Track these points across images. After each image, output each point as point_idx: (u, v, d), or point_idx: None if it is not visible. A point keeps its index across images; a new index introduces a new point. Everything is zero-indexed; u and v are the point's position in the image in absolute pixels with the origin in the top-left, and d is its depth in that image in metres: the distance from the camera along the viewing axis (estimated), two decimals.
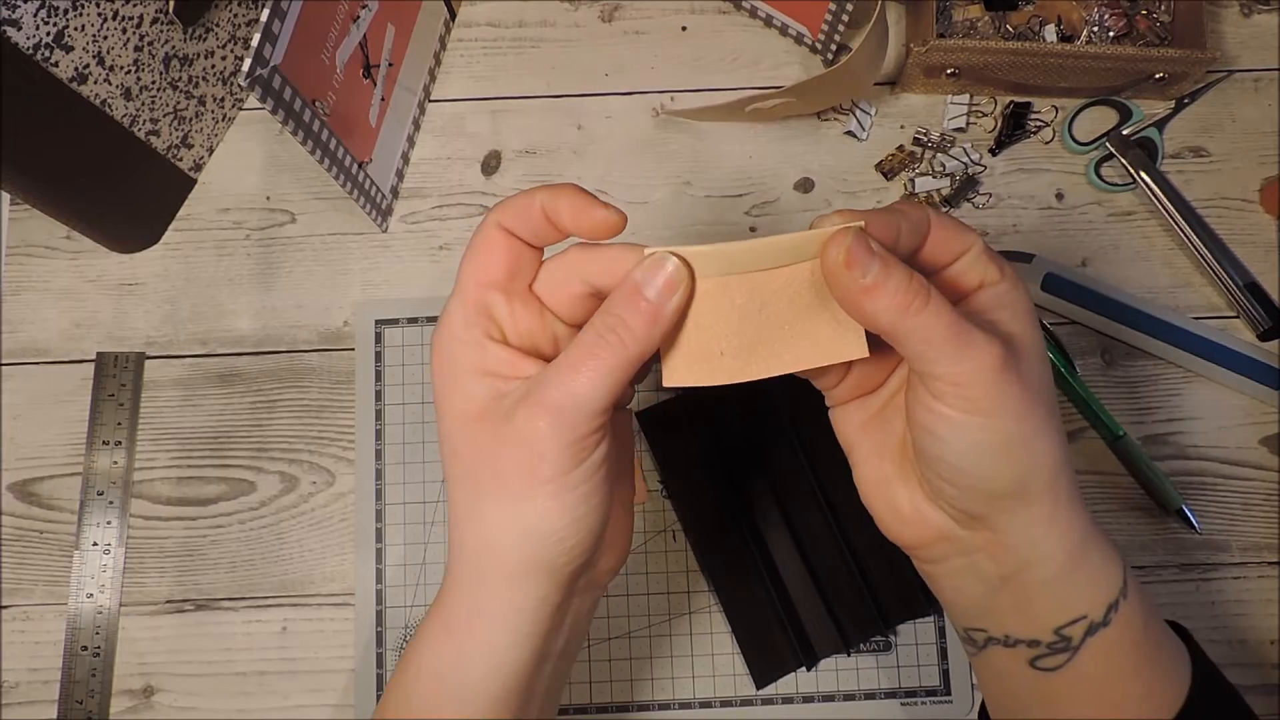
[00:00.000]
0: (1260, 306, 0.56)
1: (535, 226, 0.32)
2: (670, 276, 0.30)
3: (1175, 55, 0.55)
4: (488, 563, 0.32)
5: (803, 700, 0.53)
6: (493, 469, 0.31)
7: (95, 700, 0.53)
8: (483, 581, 0.32)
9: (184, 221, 0.59)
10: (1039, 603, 0.34)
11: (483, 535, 0.32)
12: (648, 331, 0.30)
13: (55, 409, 0.56)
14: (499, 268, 0.33)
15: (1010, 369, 0.31)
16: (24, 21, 0.43)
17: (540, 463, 0.30)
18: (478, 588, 0.32)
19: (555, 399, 0.30)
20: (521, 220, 0.32)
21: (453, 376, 0.32)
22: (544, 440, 0.30)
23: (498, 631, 0.32)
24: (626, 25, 0.62)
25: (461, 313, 0.33)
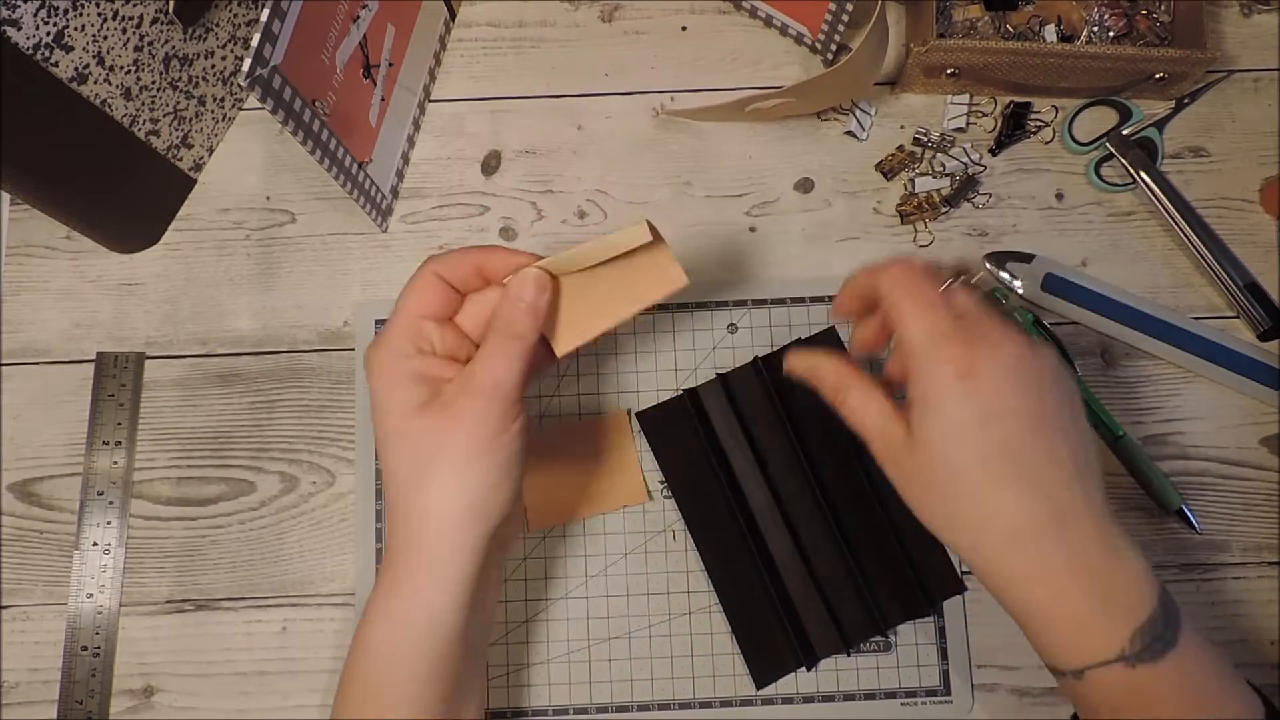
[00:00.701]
0: (1260, 306, 0.56)
1: (464, 277, 0.42)
2: (536, 282, 0.41)
3: (1175, 55, 0.55)
4: (431, 526, 0.40)
5: (803, 700, 0.53)
6: (439, 446, 0.39)
7: (95, 700, 0.53)
8: (427, 536, 0.40)
9: (184, 221, 0.59)
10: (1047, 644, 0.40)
11: (429, 503, 0.40)
12: (531, 324, 0.41)
13: (55, 409, 0.56)
14: (433, 305, 0.42)
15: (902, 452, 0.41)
16: (24, 21, 0.43)
17: (480, 427, 0.39)
18: (420, 554, 0.40)
19: (485, 383, 0.40)
20: (455, 272, 0.42)
21: (394, 382, 0.41)
22: (482, 413, 0.39)
23: (437, 586, 0.40)
24: (626, 25, 0.62)
25: (401, 334, 0.41)
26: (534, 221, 0.59)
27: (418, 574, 0.40)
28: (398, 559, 0.41)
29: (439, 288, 0.42)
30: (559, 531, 0.55)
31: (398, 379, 0.40)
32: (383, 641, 0.41)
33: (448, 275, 0.42)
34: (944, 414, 0.38)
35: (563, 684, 0.53)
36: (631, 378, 0.56)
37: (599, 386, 0.56)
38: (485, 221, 0.59)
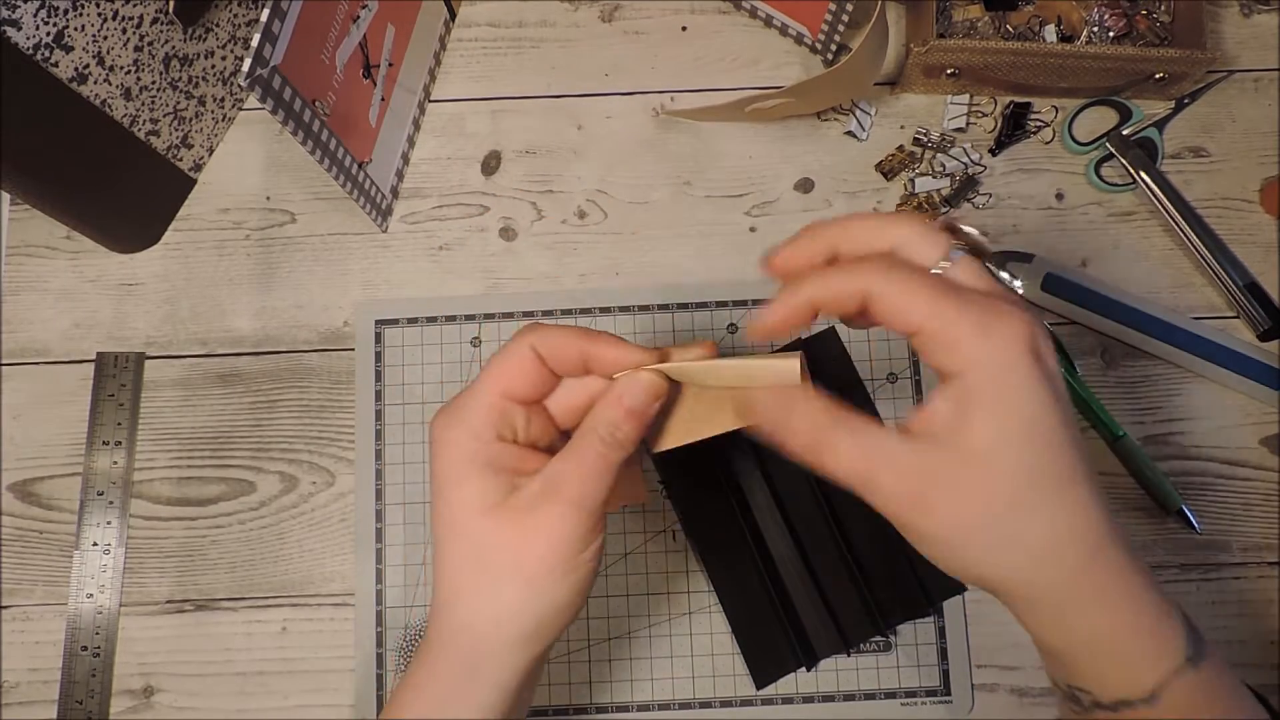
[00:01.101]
0: (1260, 306, 0.56)
1: (565, 361, 0.37)
2: (650, 389, 0.36)
3: (1175, 55, 0.55)
4: (493, 634, 0.36)
5: (803, 700, 0.53)
6: (510, 560, 0.35)
7: (95, 700, 0.53)
8: (484, 647, 0.36)
9: (184, 221, 0.59)
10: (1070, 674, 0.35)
11: (493, 613, 0.36)
12: (635, 433, 0.36)
13: (55, 409, 0.56)
14: (524, 386, 0.37)
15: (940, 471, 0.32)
16: (24, 21, 0.43)
17: (562, 546, 0.35)
18: (476, 653, 0.36)
19: (574, 494, 0.35)
20: (556, 352, 0.37)
21: (465, 471, 0.36)
22: (567, 528, 0.35)
23: (491, 689, 0.36)
24: (626, 25, 0.62)
25: (482, 414, 0.36)
26: (534, 221, 0.59)
27: (460, 680, 0.36)
28: (440, 658, 0.37)
29: (535, 367, 0.37)
30: None
31: (470, 467, 0.36)
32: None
33: (546, 354, 0.37)
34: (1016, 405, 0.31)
35: (563, 684, 0.53)
36: None
37: None
38: (485, 221, 0.59)
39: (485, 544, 0.35)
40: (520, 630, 0.36)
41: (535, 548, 0.35)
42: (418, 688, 0.37)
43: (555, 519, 0.35)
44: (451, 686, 0.36)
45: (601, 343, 0.37)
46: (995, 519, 0.32)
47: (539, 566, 0.35)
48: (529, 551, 0.35)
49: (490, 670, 0.36)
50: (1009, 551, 0.32)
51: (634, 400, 0.36)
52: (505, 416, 0.36)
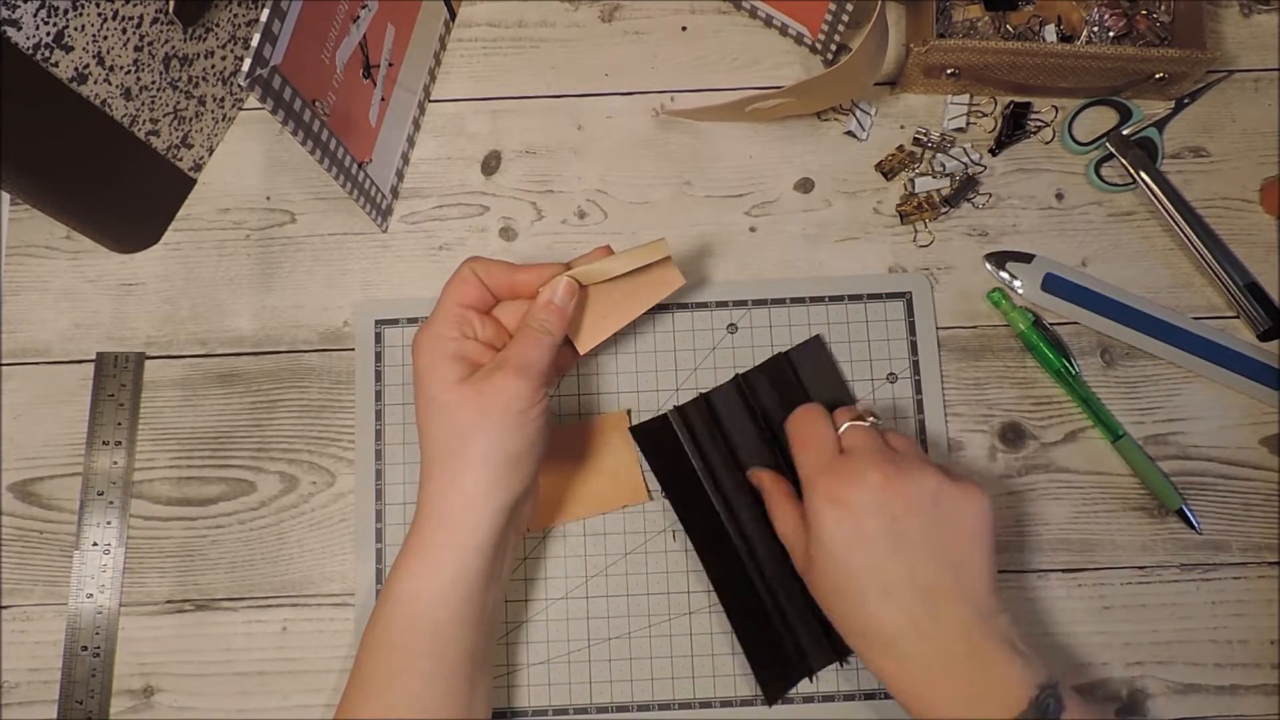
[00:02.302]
0: (1260, 306, 0.56)
1: (498, 284, 0.48)
2: (567, 288, 0.47)
3: (1175, 55, 0.55)
4: (468, 485, 0.44)
5: (803, 700, 0.53)
6: (475, 416, 0.44)
7: (95, 700, 0.53)
8: (455, 500, 0.44)
9: (184, 221, 0.59)
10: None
11: (463, 464, 0.44)
12: (559, 322, 0.47)
13: (55, 409, 0.56)
14: (471, 297, 0.47)
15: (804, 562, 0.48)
16: (24, 21, 0.43)
17: (513, 401, 0.44)
18: (448, 508, 0.44)
19: (520, 363, 0.45)
20: (490, 276, 0.48)
21: (437, 360, 0.45)
22: (515, 389, 0.44)
23: (470, 540, 0.44)
24: (626, 25, 0.62)
25: (445, 319, 0.46)
26: (534, 221, 0.59)
27: (447, 533, 0.44)
28: (429, 518, 0.44)
29: (476, 284, 0.47)
30: (559, 531, 0.55)
31: (440, 356, 0.45)
32: (411, 591, 0.44)
33: (484, 276, 0.47)
34: (821, 538, 0.45)
35: (563, 684, 0.53)
36: (631, 378, 0.56)
37: (599, 386, 0.56)
38: (485, 221, 0.59)
39: (455, 409, 0.44)
40: (489, 475, 0.44)
41: (493, 404, 0.43)
42: (412, 553, 0.45)
43: (505, 382, 0.44)
44: (439, 543, 0.44)
45: (520, 270, 0.48)
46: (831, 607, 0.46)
47: (496, 419, 0.44)
48: (488, 407, 0.43)
49: (470, 520, 0.44)
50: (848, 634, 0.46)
51: (557, 298, 0.47)
52: (464, 319, 0.46)
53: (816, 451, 0.48)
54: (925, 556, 0.44)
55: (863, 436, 0.47)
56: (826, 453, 0.47)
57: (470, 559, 0.44)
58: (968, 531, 0.45)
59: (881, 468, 0.45)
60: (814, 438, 0.48)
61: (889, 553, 0.44)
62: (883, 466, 0.45)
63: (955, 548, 0.44)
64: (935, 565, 0.44)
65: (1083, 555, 0.55)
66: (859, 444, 0.47)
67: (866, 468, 0.45)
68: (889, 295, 0.57)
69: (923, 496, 0.44)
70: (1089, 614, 0.54)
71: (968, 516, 0.45)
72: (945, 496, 0.45)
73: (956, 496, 0.45)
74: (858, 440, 0.47)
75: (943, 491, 0.45)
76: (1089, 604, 0.54)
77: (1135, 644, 0.54)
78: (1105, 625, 0.54)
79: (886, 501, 0.44)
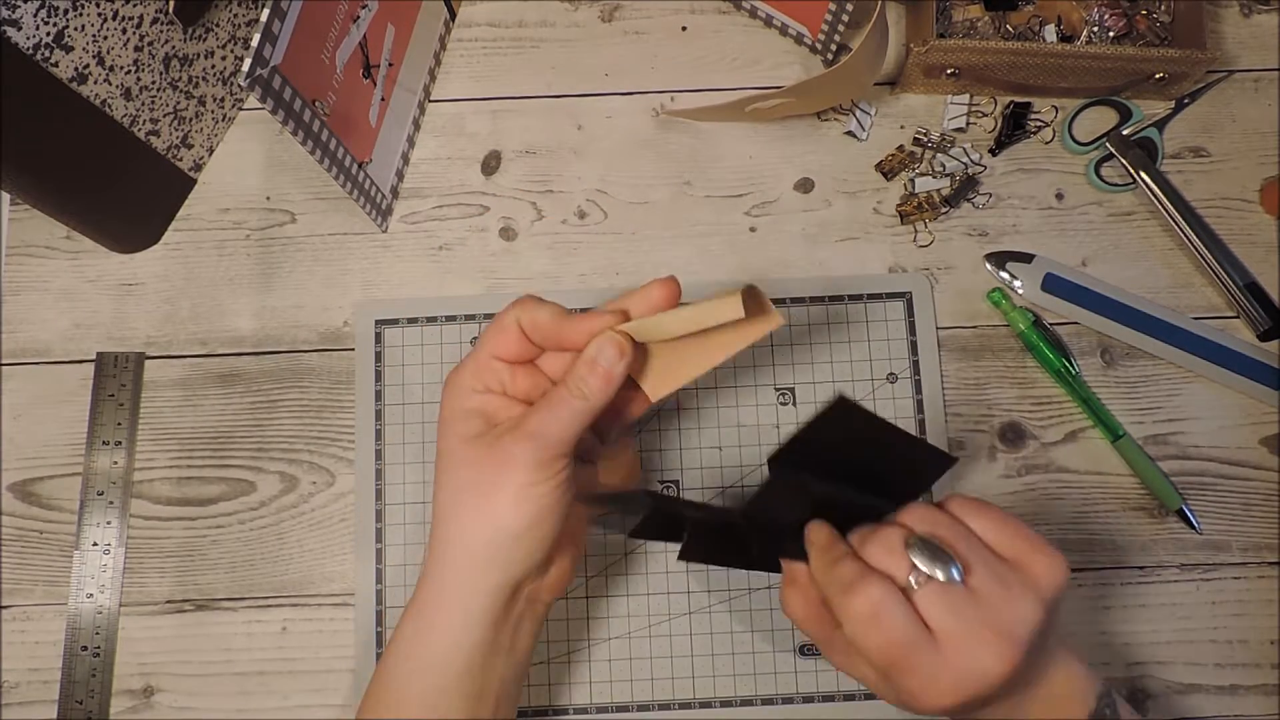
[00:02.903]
0: (1260, 306, 0.56)
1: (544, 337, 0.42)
2: (616, 347, 0.40)
3: (1175, 55, 0.55)
4: (457, 550, 0.41)
5: (803, 700, 0.53)
6: (476, 476, 0.40)
7: (95, 700, 0.53)
8: (449, 567, 0.41)
9: (184, 221, 0.59)
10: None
11: (457, 529, 0.40)
12: (600, 388, 0.40)
13: (55, 409, 0.56)
14: (508, 350, 0.42)
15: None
16: (24, 21, 0.43)
17: (515, 472, 0.39)
18: (444, 573, 0.41)
19: (531, 429, 0.40)
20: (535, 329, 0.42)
21: (456, 412, 0.42)
22: (519, 457, 0.39)
23: (457, 610, 0.40)
24: (626, 25, 0.62)
25: (474, 369, 0.42)
26: (534, 221, 0.59)
27: (439, 601, 0.41)
28: (428, 581, 0.42)
29: (516, 335, 0.42)
30: None
31: (459, 408, 0.42)
32: (408, 652, 0.42)
33: (528, 327, 0.42)
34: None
35: (563, 684, 0.53)
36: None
37: None
38: (485, 221, 0.59)
39: (462, 469, 0.41)
40: (483, 549, 0.40)
41: (497, 471, 0.40)
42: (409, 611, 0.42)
43: (513, 447, 0.39)
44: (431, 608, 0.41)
45: (570, 322, 0.41)
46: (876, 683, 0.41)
47: (496, 490, 0.39)
48: (492, 472, 0.40)
49: (460, 591, 0.41)
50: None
51: (603, 358, 0.40)
52: (491, 372, 0.42)
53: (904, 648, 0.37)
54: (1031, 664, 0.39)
55: (945, 602, 0.37)
56: (916, 646, 0.37)
57: (461, 633, 0.40)
58: (1059, 606, 0.39)
59: (996, 649, 0.37)
60: (895, 625, 0.37)
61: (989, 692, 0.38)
62: (997, 646, 0.37)
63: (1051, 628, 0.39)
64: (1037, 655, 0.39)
65: (1083, 555, 0.55)
66: (946, 615, 0.37)
67: (981, 659, 0.37)
68: (889, 295, 0.57)
69: (1034, 635, 0.37)
70: (1089, 614, 0.54)
71: (1061, 597, 0.39)
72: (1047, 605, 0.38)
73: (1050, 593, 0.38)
74: (942, 611, 0.37)
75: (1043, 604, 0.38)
76: (1089, 604, 0.54)
77: (1135, 644, 0.54)
78: (1105, 625, 0.54)
79: (1008, 680, 0.37)
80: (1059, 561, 0.39)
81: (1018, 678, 0.38)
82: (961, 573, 0.38)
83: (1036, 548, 0.39)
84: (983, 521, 0.40)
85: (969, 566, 0.38)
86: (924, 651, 0.37)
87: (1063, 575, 0.39)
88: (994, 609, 0.37)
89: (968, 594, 0.37)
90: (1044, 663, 0.40)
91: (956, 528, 0.39)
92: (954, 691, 0.37)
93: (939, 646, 0.37)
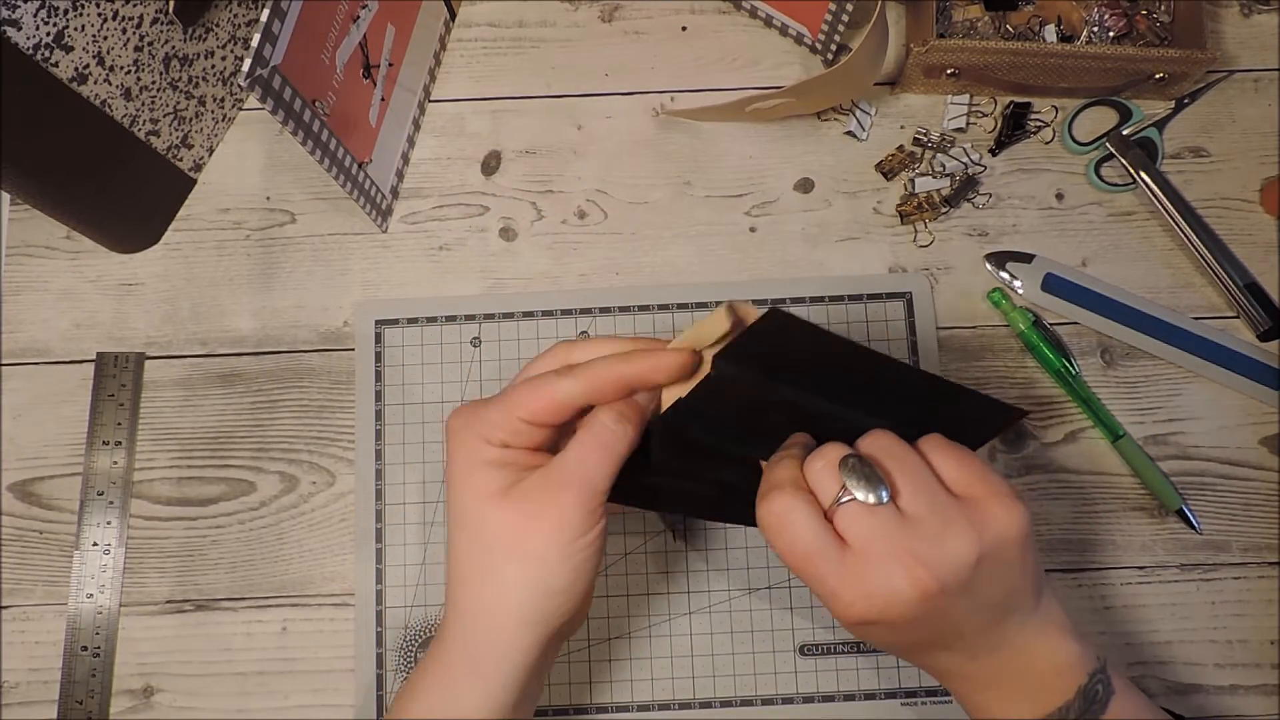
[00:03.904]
0: (1260, 306, 0.56)
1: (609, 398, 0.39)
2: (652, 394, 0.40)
3: (1175, 55, 0.55)
4: (492, 615, 0.38)
5: (803, 700, 0.53)
6: (512, 537, 0.37)
7: (95, 700, 0.53)
8: (482, 633, 0.38)
9: (184, 221, 0.59)
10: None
11: (491, 593, 0.38)
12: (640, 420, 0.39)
13: (55, 409, 0.56)
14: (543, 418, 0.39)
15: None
16: (24, 21, 0.43)
17: (561, 528, 0.37)
18: (476, 639, 0.38)
19: (575, 477, 0.37)
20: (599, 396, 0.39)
21: (475, 465, 0.39)
22: (567, 512, 0.37)
23: (495, 675, 0.38)
24: (626, 25, 0.62)
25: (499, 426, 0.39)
26: (534, 221, 0.59)
27: (473, 669, 0.39)
28: (450, 647, 0.39)
29: (557, 407, 0.39)
30: None
31: (478, 461, 0.39)
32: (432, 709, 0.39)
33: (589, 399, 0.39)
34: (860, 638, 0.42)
35: (562, 684, 0.53)
36: None
37: None
38: (485, 221, 0.59)
39: (490, 529, 0.38)
40: (519, 611, 0.38)
41: (536, 530, 0.37)
42: (427, 672, 0.40)
43: (554, 503, 0.37)
44: (457, 670, 0.39)
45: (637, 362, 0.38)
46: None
47: (538, 547, 0.37)
48: (530, 533, 0.37)
49: (493, 653, 0.38)
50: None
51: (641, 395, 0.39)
52: (520, 434, 0.39)
53: (807, 556, 0.37)
54: (974, 610, 0.38)
55: (865, 520, 0.37)
56: (822, 555, 0.37)
57: (495, 693, 0.38)
58: (1013, 561, 0.38)
59: (910, 571, 0.36)
60: (796, 534, 0.37)
61: (936, 631, 0.38)
62: (911, 569, 0.36)
63: (1004, 585, 0.38)
64: (987, 611, 0.38)
65: (1083, 555, 0.55)
66: (864, 533, 0.36)
67: (891, 578, 0.36)
68: (889, 295, 0.58)
69: (962, 570, 0.36)
70: (1089, 614, 0.54)
71: (1010, 549, 0.37)
72: (985, 547, 0.37)
73: (995, 537, 0.37)
74: (861, 528, 0.37)
75: (982, 544, 0.37)
76: (1089, 604, 0.54)
77: (1135, 644, 0.54)
78: (1105, 625, 0.54)
79: (928, 609, 0.36)
80: (1017, 510, 0.37)
81: (944, 616, 0.37)
82: (890, 496, 0.37)
83: (995, 492, 0.38)
84: (945, 458, 0.39)
85: (900, 491, 0.37)
86: (828, 561, 0.36)
87: (1016, 524, 0.37)
88: (919, 535, 0.36)
89: (893, 515, 0.37)
90: (1013, 629, 0.39)
91: (906, 458, 0.38)
92: (861, 605, 0.36)
93: (846, 558, 0.36)
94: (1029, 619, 0.39)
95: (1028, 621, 0.39)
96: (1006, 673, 0.40)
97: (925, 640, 0.39)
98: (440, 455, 0.55)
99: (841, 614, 0.37)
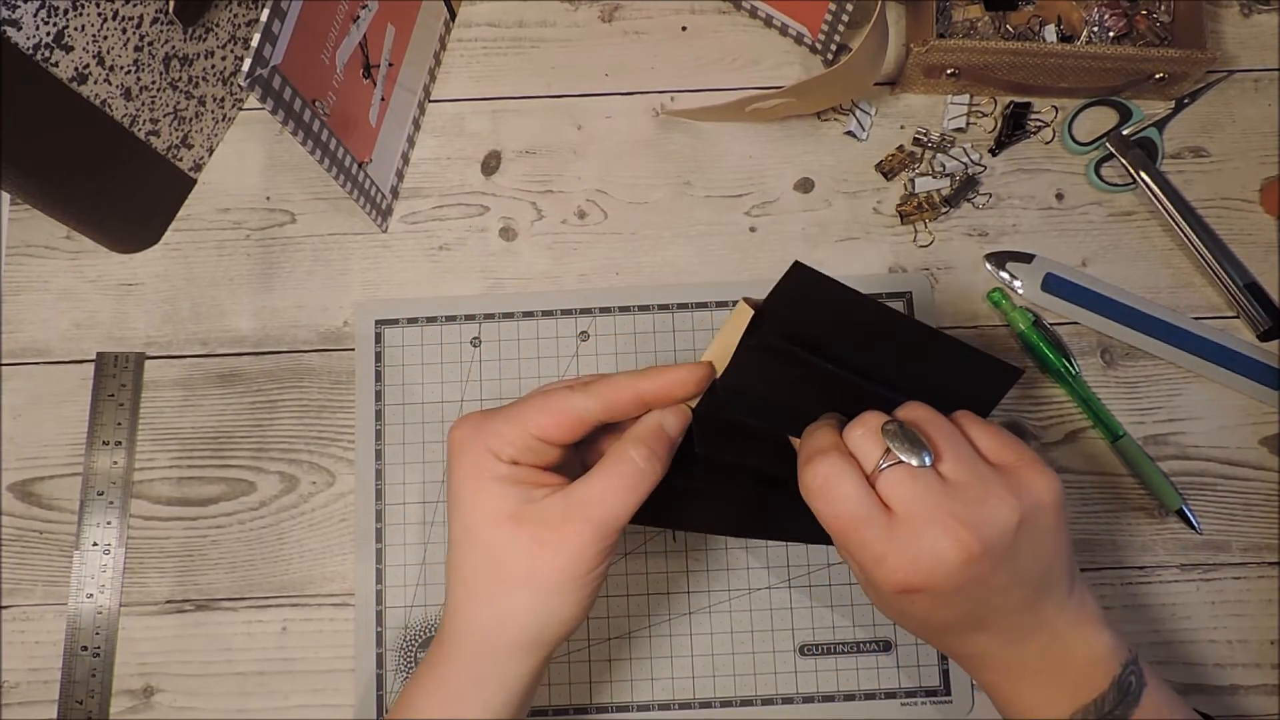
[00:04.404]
0: (1260, 306, 0.56)
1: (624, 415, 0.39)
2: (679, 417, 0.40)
3: (1175, 55, 0.55)
4: (503, 637, 0.38)
5: (803, 700, 0.53)
6: (527, 565, 0.37)
7: (95, 700, 0.53)
8: (485, 655, 0.38)
9: (184, 221, 0.59)
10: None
11: (503, 615, 0.38)
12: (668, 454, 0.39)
13: (55, 409, 0.56)
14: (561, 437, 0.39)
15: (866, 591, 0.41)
16: (24, 21, 0.43)
17: (575, 562, 0.37)
18: (483, 657, 0.39)
19: (599, 515, 0.37)
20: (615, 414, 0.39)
21: (482, 482, 0.38)
22: (585, 546, 0.37)
23: (497, 694, 0.38)
24: (626, 25, 0.62)
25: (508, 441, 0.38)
26: (534, 221, 0.59)
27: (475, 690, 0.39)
28: (451, 660, 0.39)
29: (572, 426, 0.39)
30: None
31: (485, 477, 0.38)
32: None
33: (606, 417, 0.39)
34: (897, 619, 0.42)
35: (562, 684, 0.53)
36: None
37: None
38: (485, 221, 0.59)
39: (500, 551, 0.37)
40: (526, 636, 0.38)
41: (550, 561, 0.37)
42: (425, 688, 0.40)
43: (573, 534, 0.37)
44: (458, 688, 0.39)
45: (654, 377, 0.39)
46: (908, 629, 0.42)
47: (551, 578, 0.37)
48: (544, 563, 0.37)
49: (496, 673, 0.38)
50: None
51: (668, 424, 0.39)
52: (532, 451, 0.39)
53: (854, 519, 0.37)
54: (1014, 584, 0.37)
55: (909, 484, 0.36)
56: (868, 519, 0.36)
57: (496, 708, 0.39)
58: (1050, 528, 0.38)
59: (955, 535, 0.35)
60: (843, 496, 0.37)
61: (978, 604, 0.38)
62: (956, 532, 0.35)
63: (1041, 556, 0.38)
64: (1024, 587, 0.38)
65: (1082, 555, 0.55)
66: (909, 497, 0.36)
67: (936, 542, 0.36)
68: (889, 295, 0.57)
69: (1005, 534, 0.36)
70: None
71: (1046, 516, 0.38)
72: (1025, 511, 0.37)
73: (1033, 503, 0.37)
74: (905, 492, 0.36)
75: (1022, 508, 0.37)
76: None
77: (1135, 644, 0.53)
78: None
79: (971, 575, 0.36)
80: (1051, 478, 0.38)
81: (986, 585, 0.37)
82: (933, 460, 0.37)
83: (1030, 460, 0.39)
84: (979, 430, 0.40)
85: (942, 456, 0.37)
86: (874, 526, 0.36)
87: (1051, 492, 0.38)
88: (962, 500, 0.36)
89: (937, 480, 0.37)
90: (1051, 612, 0.39)
91: (945, 426, 0.39)
92: (906, 569, 0.36)
93: (893, 523, 0.36)
94: (1065, 603, 0.39)
95: (1065, 606, 0.39)
96: (1043, 661, 0.39)
97: (964, 616, 0.38)
98: (440, 455, 0.55)
99: (884, 580, 0.37)
